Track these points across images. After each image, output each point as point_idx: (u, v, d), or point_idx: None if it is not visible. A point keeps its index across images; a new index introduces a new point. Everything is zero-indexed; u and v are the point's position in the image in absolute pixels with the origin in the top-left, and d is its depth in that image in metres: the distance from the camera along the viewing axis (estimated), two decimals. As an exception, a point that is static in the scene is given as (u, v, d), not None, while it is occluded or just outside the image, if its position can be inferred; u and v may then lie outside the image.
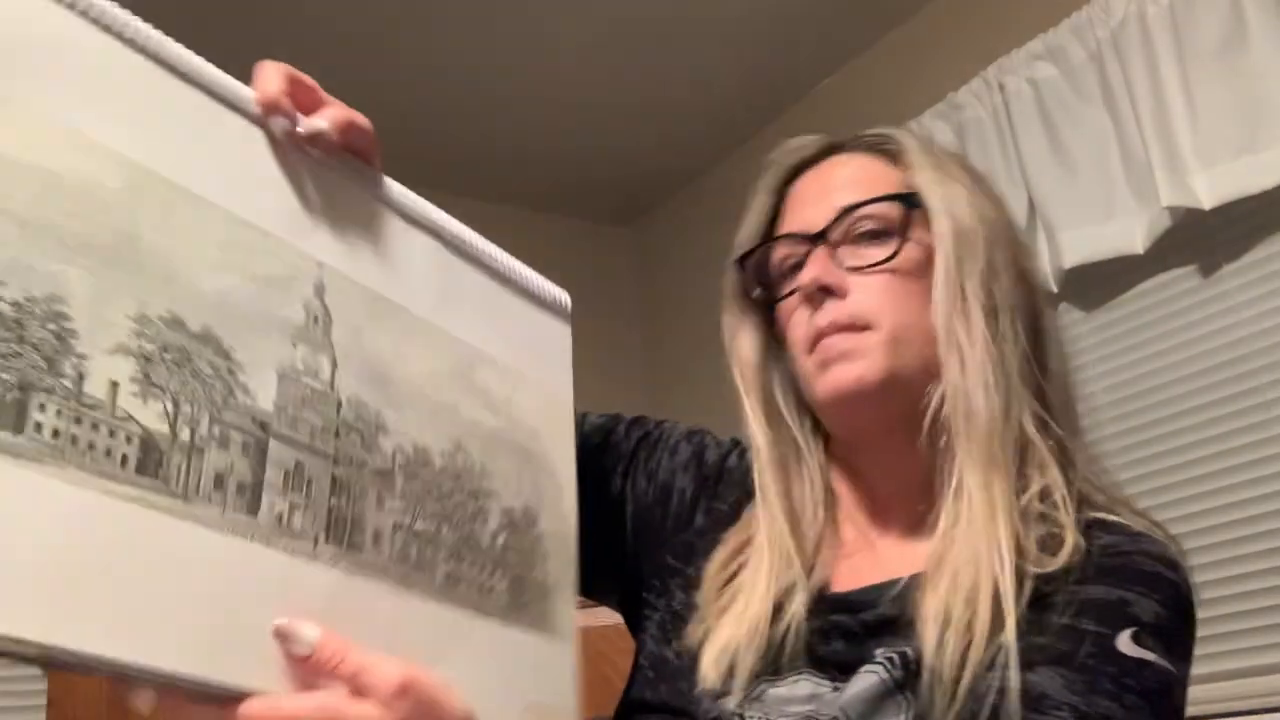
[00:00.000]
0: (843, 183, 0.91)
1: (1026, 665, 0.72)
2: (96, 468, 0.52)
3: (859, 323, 0.85)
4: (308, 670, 0.57)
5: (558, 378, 0.81)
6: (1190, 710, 0.76)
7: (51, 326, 0.52)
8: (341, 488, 0.63)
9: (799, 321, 0.88)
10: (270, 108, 0.65)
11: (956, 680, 0.73)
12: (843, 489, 0.93)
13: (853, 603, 0.83)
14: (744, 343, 0.95)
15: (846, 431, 0.91)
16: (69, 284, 0.53)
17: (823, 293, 0.86)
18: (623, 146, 3.29)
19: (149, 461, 0.54)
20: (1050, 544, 0.79)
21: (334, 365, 0.64)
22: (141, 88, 0.59)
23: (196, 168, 0.60)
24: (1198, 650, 0.79)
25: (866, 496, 0.91)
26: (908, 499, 0.88)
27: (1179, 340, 2.19)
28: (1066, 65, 2.26)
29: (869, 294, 0.86)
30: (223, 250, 0.60)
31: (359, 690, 0.56)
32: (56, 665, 0.51)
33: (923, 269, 0.87)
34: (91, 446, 0.52)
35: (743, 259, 0.95)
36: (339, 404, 0.64)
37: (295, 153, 0.66)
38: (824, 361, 0.86)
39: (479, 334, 0.75)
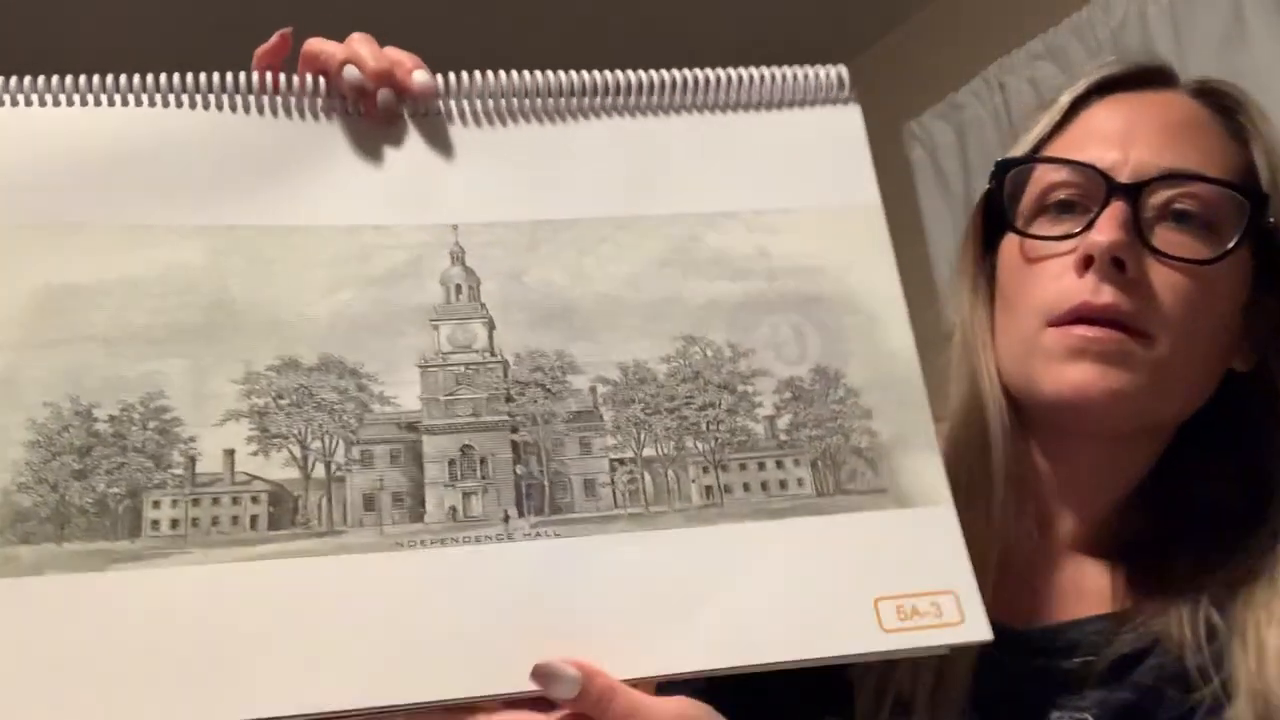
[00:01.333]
0: (1173, 131, 0.69)
1: None
2: (225, 539, 0.53)
3: (1141, 326, 0.64)
4: (572, 713, 0.50)
5: (849, 180, 0.64)
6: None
7: (153, 424, 0.54)
8: (527, 452, 0.56)
9: (1053, 280, 0.67)
10: (383, 78, 0.59)
11: None
12: None
13: (1033, 642, 0.64)
14: (976, 296, 0.74)
15: (1057, 426, 0.69)
16: (165, 377, 0.55)
17: (1113, 265, 0.64)
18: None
19: (282, 513, 0.54)
20: None
21: (490, 327, 0.58)
22: (193, 145, 0.59)
23: (281, 199, 0.59)
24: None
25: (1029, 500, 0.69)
26: (1084, 511, 0.69)
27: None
28: (1066, 65, 2.22)
29: (1167, 294, 0.65)
30: (332, 267, 0.58)
31: None
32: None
33: (1236, 285, 0.67)
34: (215, 521, 0.53)
35: (1003, 171, 0.72)
36: (505, 366, 0.58)
37: (389, 125, 0.61)
38: (1075, 351, 0.65)
39: (704, 194, 0.62)
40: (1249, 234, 0.66)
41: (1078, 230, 0.67)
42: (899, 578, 0.55)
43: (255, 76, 0.60)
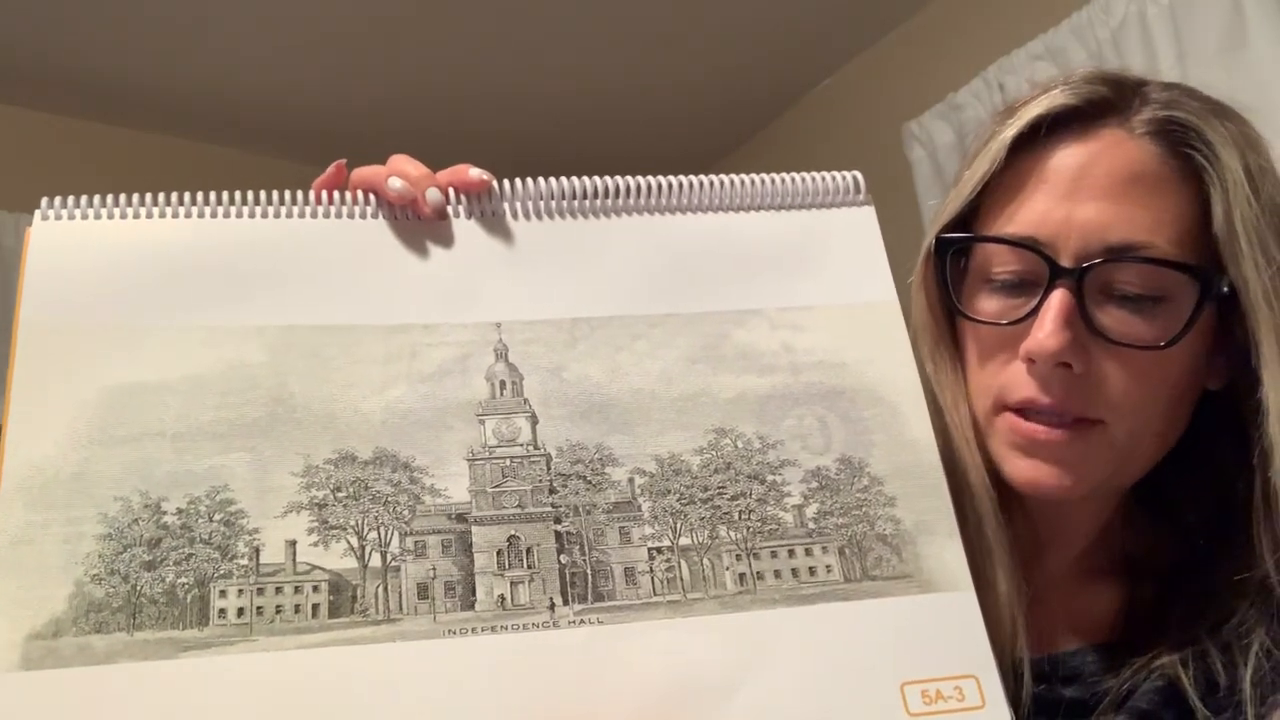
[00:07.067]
0: (1122, 188, 0.66)
1: None
2: (288, 627, 0.56)
3: (1092, 414, 0.64)
4: None
5: (866, 278, 0.68)
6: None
7: (219, 516, 0.57)
8: (570, 541, 0.60)
9: (1002, 366, 0.68)
10: (426, 181, 0.64)
11: None
12: None
13: (1034, 670, 0.65)
14: (941, 352, 0.73)
15: None
16: (229, 471, 0.58)
17: (1059, 366, 0.65)
18: (621, 151, 3.21)
19: (341, 601, 0.57)
20: None
21: (533, 421, 0.62)
22: (252, 252, 0.62)
23: (335, 300, 0.63)
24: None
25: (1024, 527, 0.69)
26: (1074, 539, 0.71)
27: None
28: (1066, 65, 2.19)
29: (1119, 378, 0.64)
30: (385, 365, 0.62)
31: None
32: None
33: (1194, 346, 0.65)
34: (279, 610, 0.56)
35: (944, 249, 0.72)
36: (548, 459, 0.61)
37: (437, 226, 0.65)
38: (1026, 446, 0.66)
39: (730, 292, 0.66)
40: (1202, 306, 0.64)
41: (1022, 315, 0.67)
42: (924, 663, 0.59)
43: (313, 195, 0.64)
